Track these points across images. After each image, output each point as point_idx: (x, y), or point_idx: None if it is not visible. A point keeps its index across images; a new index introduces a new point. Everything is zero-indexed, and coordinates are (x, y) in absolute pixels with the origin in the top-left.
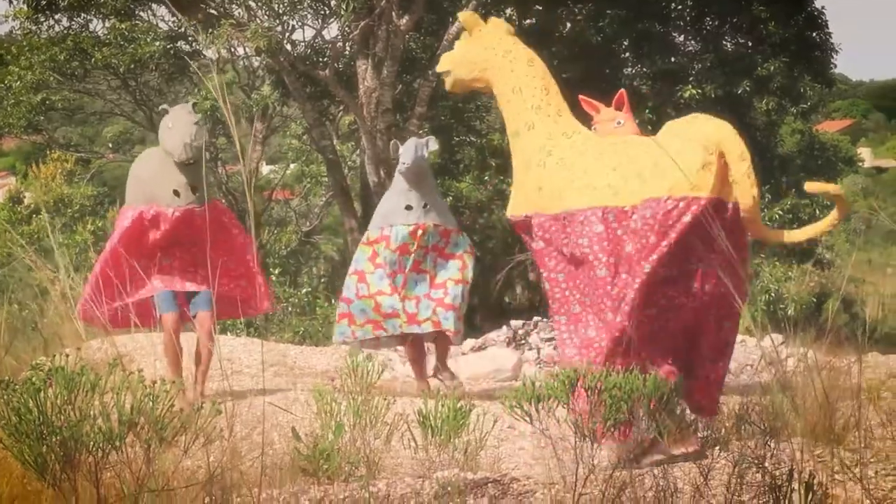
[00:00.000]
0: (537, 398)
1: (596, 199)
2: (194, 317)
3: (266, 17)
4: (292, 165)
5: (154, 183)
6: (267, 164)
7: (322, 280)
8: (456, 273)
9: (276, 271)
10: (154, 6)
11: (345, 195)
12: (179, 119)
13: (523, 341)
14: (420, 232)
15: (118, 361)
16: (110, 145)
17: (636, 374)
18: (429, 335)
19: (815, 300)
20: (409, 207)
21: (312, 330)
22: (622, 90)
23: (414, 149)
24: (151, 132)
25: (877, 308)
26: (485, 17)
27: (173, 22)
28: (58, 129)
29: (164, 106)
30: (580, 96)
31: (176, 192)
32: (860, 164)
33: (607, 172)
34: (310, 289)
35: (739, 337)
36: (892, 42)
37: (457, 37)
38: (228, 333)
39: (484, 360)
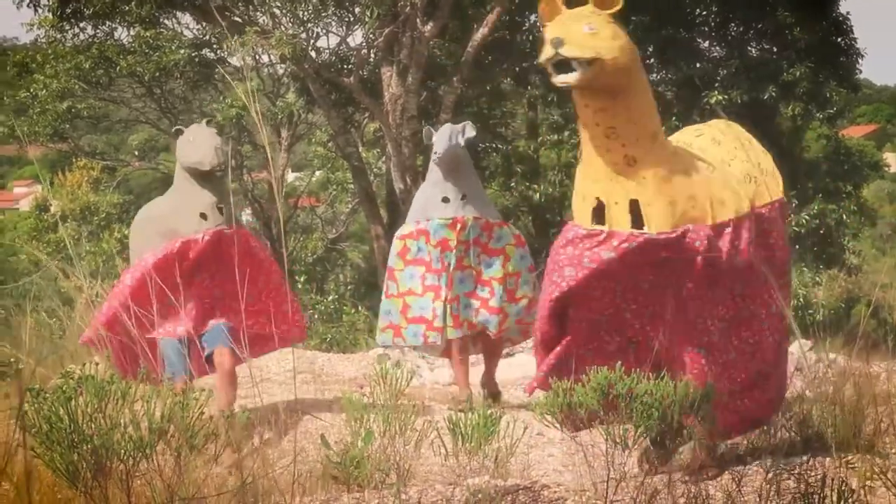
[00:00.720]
0: (568, 405)
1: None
2: (208, 359)
3: (290, 24)
4: (318, 172)
5: (174, 214)
6: (292, 171)
7: (349, 287)
8: (499, 271)
9: (302, 279)
10: (179, 14)
11: (371, 202)
12: (199, 132)
13: None
14: (459, 226)
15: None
16: (136, 153)
17: (667, 380)
18: (475, 340)
19: (843, 305)
20: (445, 199)
21: (339, 337)
22: None
23: (448, 136)
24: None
25: None
26: (511, 25)
27: (198, 30)
28: (83, 136)
29: (178, 127)
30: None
31: (203, 215)
32: (886, 168)
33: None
34: (336, 296)
35: None
36: None
37: (482, 43)
38: None
39: (512, 367)
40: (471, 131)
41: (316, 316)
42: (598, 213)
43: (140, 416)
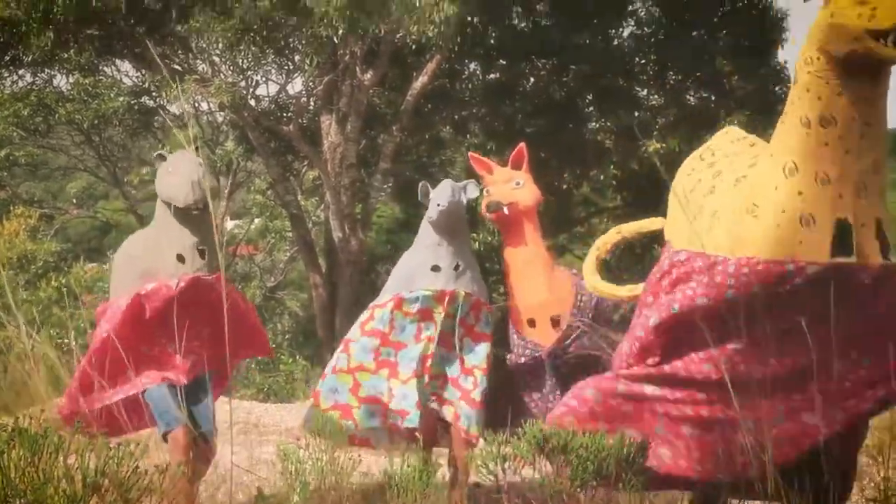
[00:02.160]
0: (503, 458)
1: None
2: (164, 435)
3: (230, 72)
4: (256, 220)
5: (151, 254)
6: (231, 219)
7: (286, 336)
8: (483, 361)
9: None
10: (118, 62)
11: (309, 250)
12: (181, 162)
13: None
14: (447, 299)
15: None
16: (74, 201)
17: (602, 434)
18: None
19: None
20: (436, 268)
21: (277, 387)
22: (521, 145)
23: (451, 191)
24: (115, 187)
25: None
26: (451, 73)
27: (137, 77)
28: (21, 184)
29: (161, 152)
30: (470, 154)
31: (180, 258)
32: None
33: None
34: (273, 345)
35: None
36: None
37: (422, 92)
38: None
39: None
40: (473, 191)
41: (253, 365)
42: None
43: (74, 469)
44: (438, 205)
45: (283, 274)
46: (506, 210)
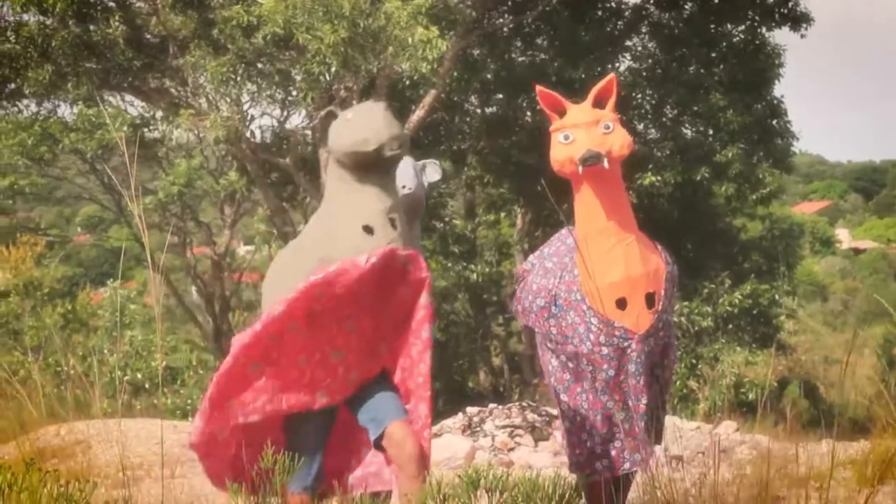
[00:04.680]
0: (443, 497)
1: None
2: (379, 439)
3: (226, 106)
4: (263, 248)
5: (328, 234)
6: (244, 244)
7: None
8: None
9: None
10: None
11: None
12: (364, 109)
13: (478, 428)
14: None
15: (35, 460)
16: (80, 229)
17: (538, 473)
18: None
19: (776, 384)
20: None
21: None
22: (612, 75)
23: (414, 171)
24: (121, 215)
25: (849, 391)
26: (449, 106)
27: (142, 107)
28: (33, 209)
29: (331, 108)
30: (538, 87)
31: (367, 229)
32: (838, 245)
33: None
34: None
35: (695, 423)
36: (870, 124)
37: (420, 125)
38: (189, 419)
39: (438, 448)
40: (434, 173)
41: None
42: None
43: None
44: (404, 187)
45: None
46: (605, 163)
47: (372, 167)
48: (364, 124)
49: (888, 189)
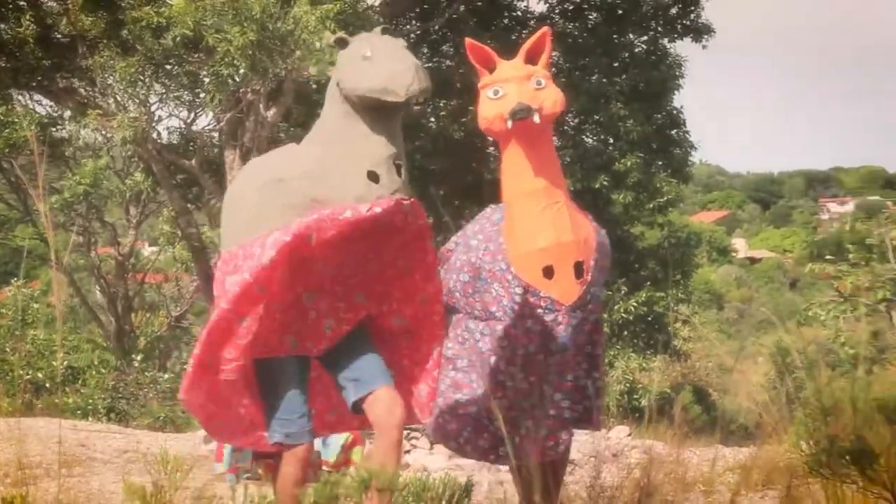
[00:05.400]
0: (335, 498)
1: None
2: (360, 402)
3: (134, 107)
4: (168, 249)
5: (324, 175)
6: (150, 245)
7: (185, 366)
8: None
9: (139, 357)
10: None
11: (209, 283)
12: (384, 44)
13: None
14: None
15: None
16: None
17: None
18: None
19: (669, 391)
20: None
21: (173, 416)
22: (545, 30)
23: None
24: (27, 214)
25: (741, 398)
26: None
27: (50, 107)
28: None
29: (341, 35)
30: (468, 40)
31: (372, 175)
32: (734, 254)
33: None
34: (173, 374)
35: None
36: (768, 136)
37: None
38: (90, 418)
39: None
40: None
41: (151, 395)
42: None
43: None
44: None
45: (190, 303)
46: (536, 118)
47: (386, 112)
48: (389, 70)
49: (785, 200)
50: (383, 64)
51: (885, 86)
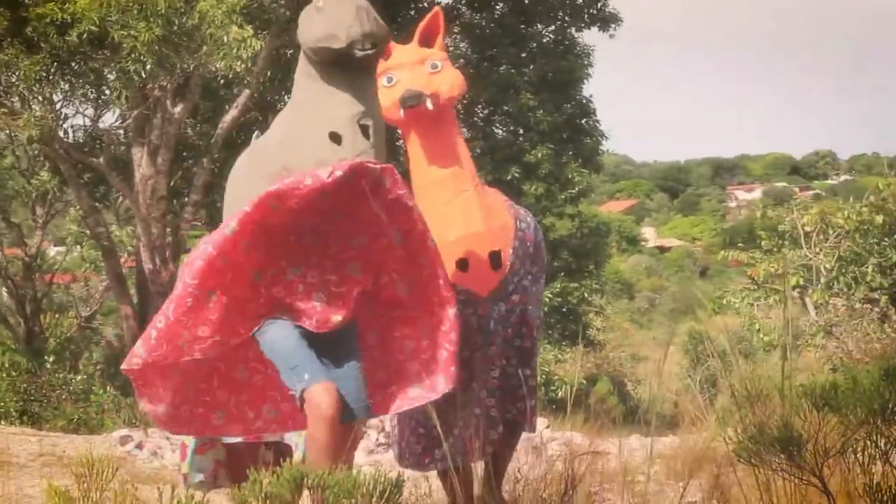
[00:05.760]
0: (265, 496)
1: None
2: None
3: (40, 105)
4: (75, 249)
5: (292, 140)
6: (55, 245)
7: (98, 367)
8: None
9: (51, 358)
10: None
11: (120, 282)
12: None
13: None
14: None
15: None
16: None
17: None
18: None
19: (584, 382)
20: None
21: (87, 418)
22: (437, 10)
23: None
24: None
25: (655, 387)
26: (262, 106)
27: None
28: None
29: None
30: None
31: (334, 137)
32: (644, 243)
33: None
34: (85, 375)
35: None
36: (675, 124)
37: (233, 125)
38: (2, 422)
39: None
40: None
41: (64, 396)
42: None
43: None
44: None
45: (99, 303)
46: (429, 104)
47: (345, 66)
48: (334, 16)
49: (693, 188)
50: (330, 12)
51: (792, 73)
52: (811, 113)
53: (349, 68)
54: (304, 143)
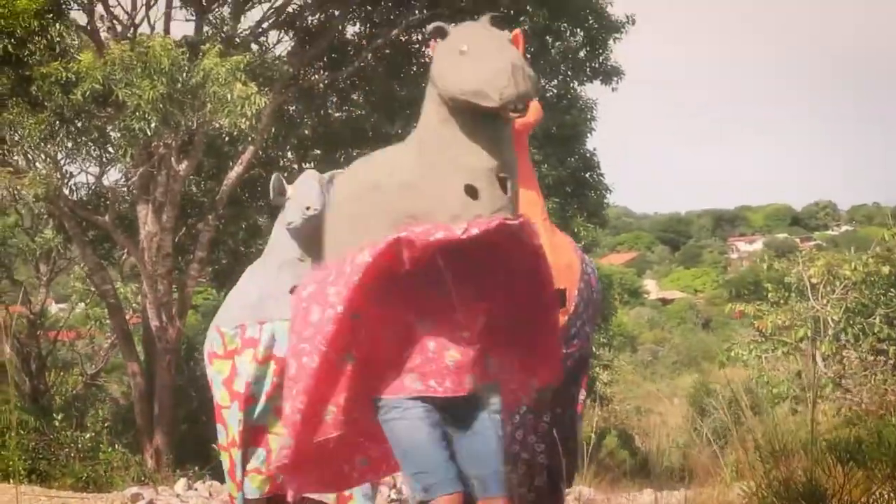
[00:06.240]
0: None
1: None
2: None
3: (45, 163)
4: (78, 306)
5: (420, 187)
6: (56, 302)
7: (106, 424)
8: None
9: (59, 416)
10: None
11: (127, 339)
12: (482, 38)
13: None
14: None
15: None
16: None
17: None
18: None
19: (593, 436)
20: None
21: (96, 476)
22: (517, 32)
23: (320, 188)
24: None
25: (661, 440)
26: (266, 162)
27: None
28: None
29: (438, 24)
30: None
31: (470, 190)
32: (646, 295)
33: None
34: (93, 433)
35: None
36: (675, 177)
37: (237, 181)
38: (10, 481)
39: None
40: None
41: (72, 454)
42: None
43: None
44: (308, 208)
45: (105, 361)
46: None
47: (487, 117)
48: (486, 71)
49: (694, 240)
50: (479, 62)
51: (785, 123)
52: (812, 164)
53: (489, 118)
54: (434, 192)
